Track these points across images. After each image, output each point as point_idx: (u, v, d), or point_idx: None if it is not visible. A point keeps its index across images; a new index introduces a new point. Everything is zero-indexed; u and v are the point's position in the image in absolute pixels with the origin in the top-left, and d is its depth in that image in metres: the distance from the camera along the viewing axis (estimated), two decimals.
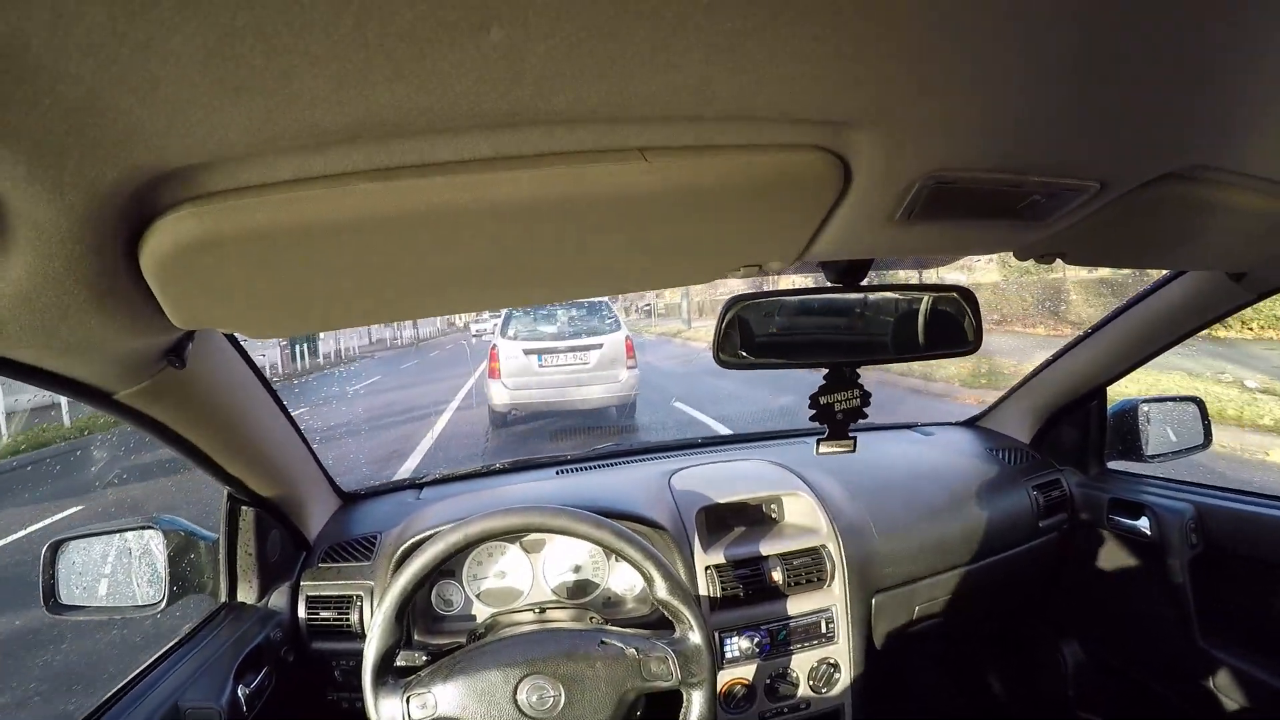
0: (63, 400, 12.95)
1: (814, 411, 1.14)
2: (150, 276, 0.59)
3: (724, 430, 8.23)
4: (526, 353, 8.68)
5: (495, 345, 8.95)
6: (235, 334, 1.20)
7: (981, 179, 0.65)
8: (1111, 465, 2.05)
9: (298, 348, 23.09)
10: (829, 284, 1.02)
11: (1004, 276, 16.81)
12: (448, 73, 0.40)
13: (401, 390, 14.95)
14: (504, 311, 9.28)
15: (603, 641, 1.20)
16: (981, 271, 17.17)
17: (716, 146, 0.54)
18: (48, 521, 7.16)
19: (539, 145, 0.51)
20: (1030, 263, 1.17)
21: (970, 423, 2.35)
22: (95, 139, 0.42)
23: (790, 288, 1.07)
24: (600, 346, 8.78)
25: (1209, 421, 2.01)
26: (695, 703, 1.20)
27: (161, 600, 1.35)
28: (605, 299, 9.44)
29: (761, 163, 0.56)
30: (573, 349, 8.74)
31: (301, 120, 0.43)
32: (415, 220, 0.57)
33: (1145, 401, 1.98)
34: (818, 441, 1.18)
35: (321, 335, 26.81)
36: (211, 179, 0.50)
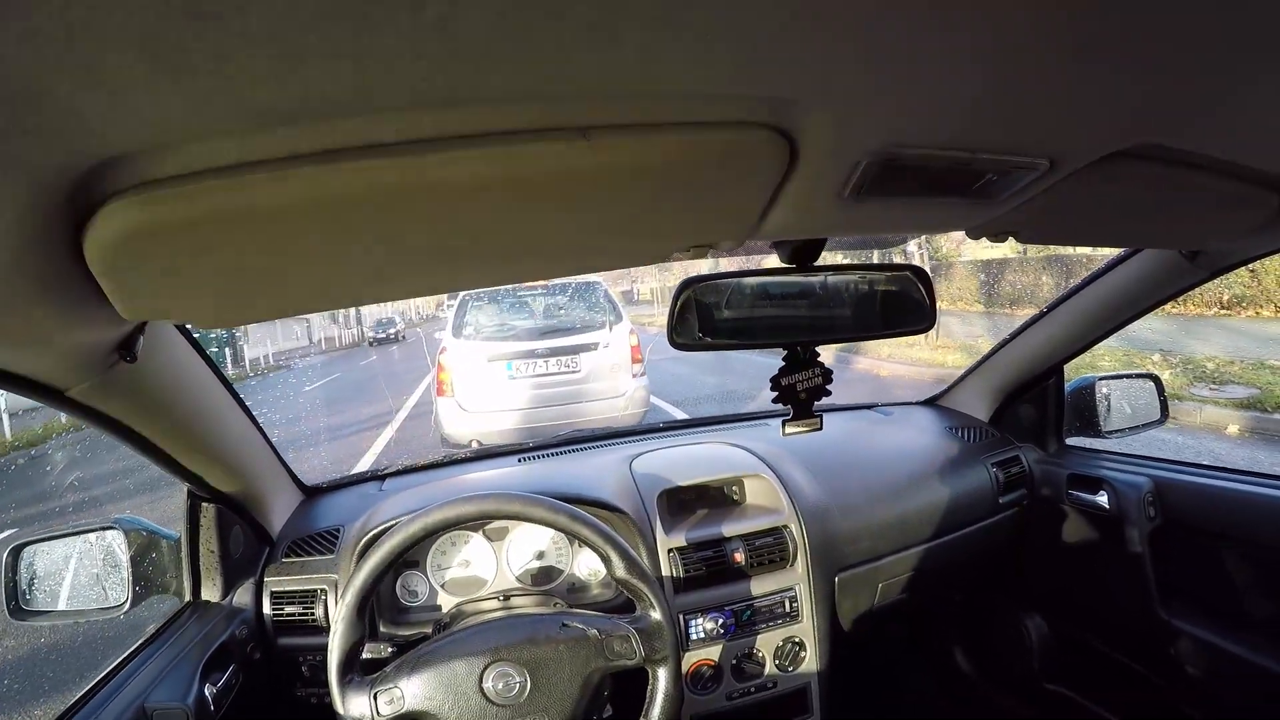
0: (4, 414, 12.64)
1: (776, 393, 1.15)
2: (95, 267, 0.58)
3: (680, 414, 7.63)
4: (490, 360, 6.02)
5: (443, 349, 6.29)
6: (187, 326, 1.18)
7: (930, 156, 0.65)
8: (1070, 441, 2.08)
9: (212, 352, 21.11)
10: (783, 264, 1.01)
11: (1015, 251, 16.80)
12: (385, 50, 0.40)
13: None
14: (457, 299, 6.88)
15: (564, 624, 1.20)
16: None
17: (659, 125, 0.54)
18: None
19: (481, 124, 0.50)
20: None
21: (930, 402, 2.37)
22: (34, 126, 0.41)
23: (744, 269, 1.06)
24: (594, 347, 6.17)
25: (1166, 397, 2.04)
26: (661, 679, 1.21)
27: (125, 601, 1.33)
28: (597, 279, 6.92)
29: (706, 141, 0.56)
30: (555, 351, 6.08)
31: (242, 102, 0.43)
32: (360, 202, 0.56)
33: (1103, 378, 2.02)
34: (783, 422, 1.18)
35: (247, 339, 25.34)
36: (154, 165, 0.49)
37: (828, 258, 1.03)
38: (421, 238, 0.67)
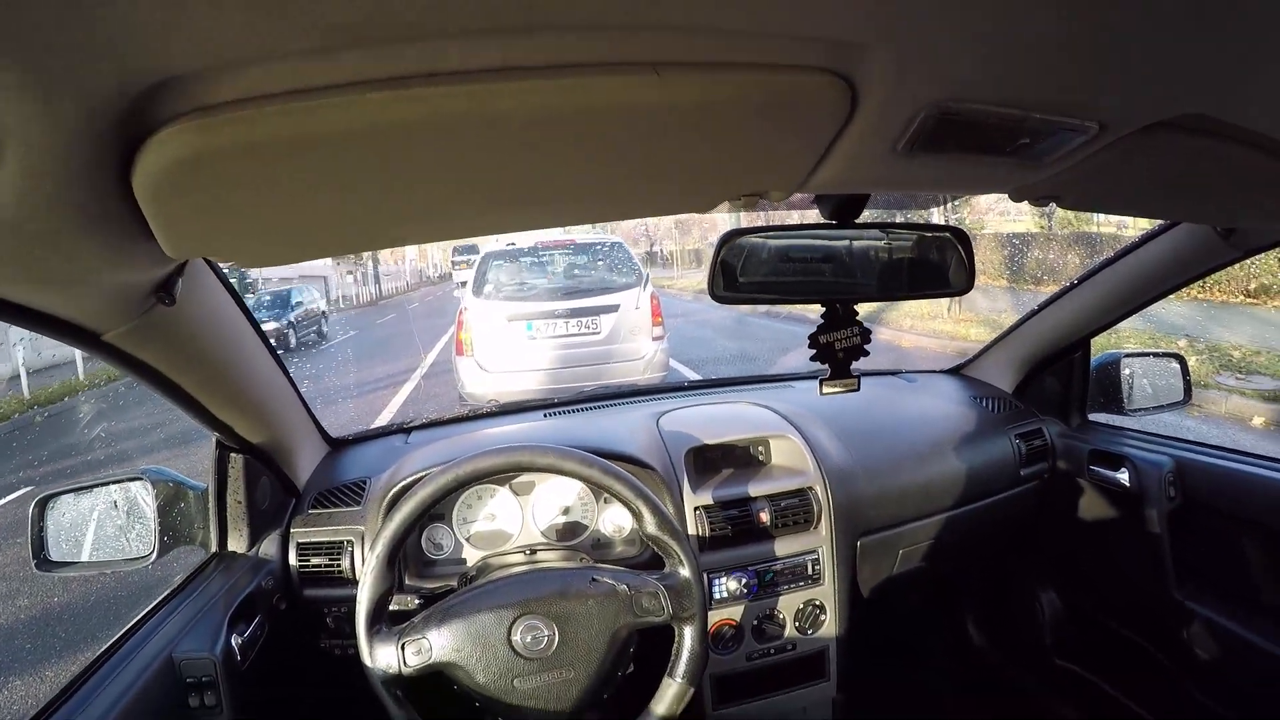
0: (22, 372, 12.77)
1: (814, 351, 1.14)
2: (144, 199, 0.57)
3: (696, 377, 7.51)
4: (510, 319, 6.07)
5: (463, 308, 6.29)
6: (224, 271, 1.18)
7: (986, 112, 0.64)
8: (1093, 417, 2.07)
9: None
10: (823, 220, 1.01)
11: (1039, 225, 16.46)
12: None
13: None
14: (476, 259, 6.89)
15: (594, 579, 1.21)
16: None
17: (728, 64, 0.53)
18: None
19: (550, 55, 0.50)
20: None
21: (954, 371, 2.36)
22: (88, 43, 0.40)
23: (785, 224, 1.06)
24: (615, 309, 6.21)
25: (1190, 378, 2.02)
26: (687, 637, 1.21)
27: (152, 552, 1.34)
28: (619, 240, 7.09)
29: (770, 83, 0.55)
30: (575, 313, 6.12)
31: (305, 19, 0.41)
32: (421, 132, 0.55)
33: (1128, 355, 2.00)
34: (820, 381, 1.18)
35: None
36: (210, 88, 0.47)
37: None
38: (482, 173, 0.67)
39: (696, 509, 1.60)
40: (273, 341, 1.44)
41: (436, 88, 0.50)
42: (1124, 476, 1.80)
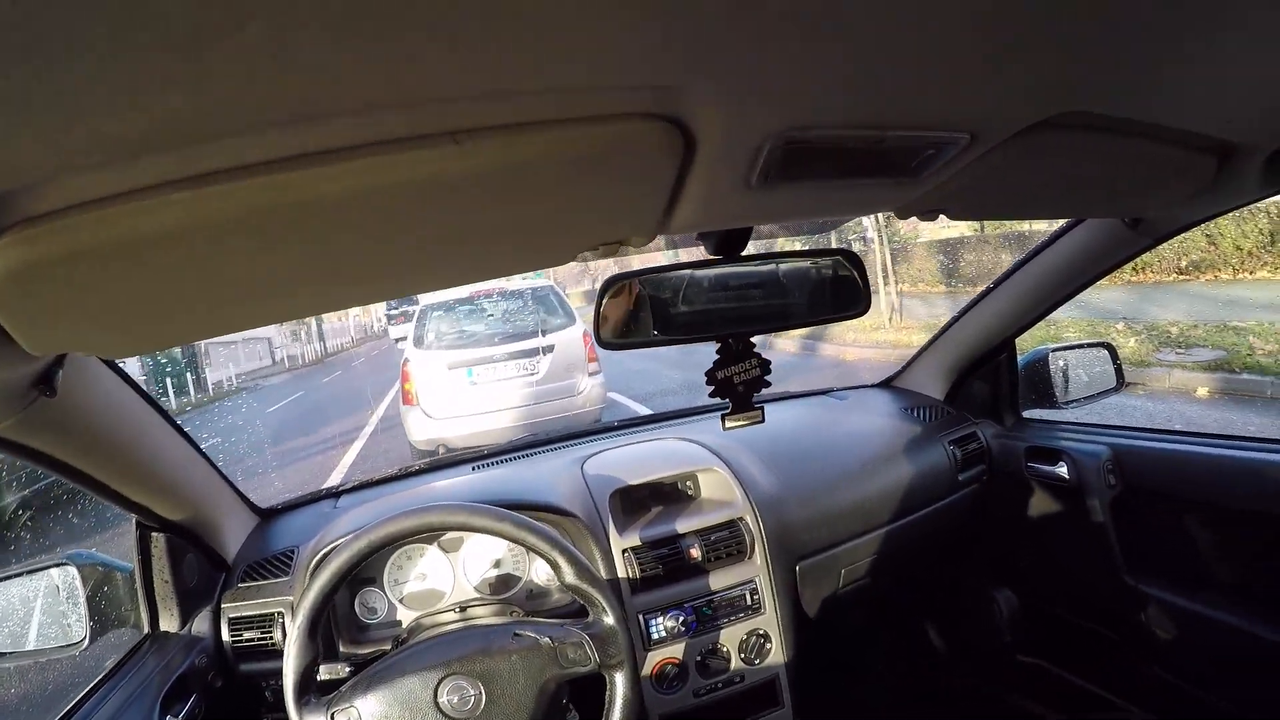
0: None
1: (712, 387, 1.13)
2: None
3: (645, 410, 7.53)
4: (451, 367, 6.34)
5: (406, 360, 6.58)
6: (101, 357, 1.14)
7: (837, 137, 0.62)
8: (1028, 414, 2.10)
9: (169, 381, 20.14)
10: (709, 257, 0.99)
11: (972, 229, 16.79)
12: (218, 74, 0.38)
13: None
14: (416, 310, 7.21)
15: (516, 634, 1.19)
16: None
17: (536, 123, 0.51)
18: None
19: (344, 138, 0.49)
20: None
21: (885, 384, 2.37)
22: None
23: (670, 263, 1.04)
24: (551, 349, 6.48)
25: (1120, 364, 2.06)
26: (618, 684, 1.19)
27: (84, 638, 1.31)
28: (550, 283, 7.36)
29: (591, 136, 0.54)
30: (514, 356, 6.39)
31: (94, 135, 0.42)
32: (237, 224, 0.54)
33: (1056, 349, 2.03)
34: (723, 416, 1.17)
35: (210, 362, 24.85)
36: (30, 202, 0.48)
37: (770, 244, 1.01)
38: (307, 255, 0.65)
39: (625, 551, 1.58)
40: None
41: (241, 182, 0.50)
42: (1063, 470, 1.82)
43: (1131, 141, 0.80)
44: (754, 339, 1.12)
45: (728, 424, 1.16)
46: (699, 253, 1.03)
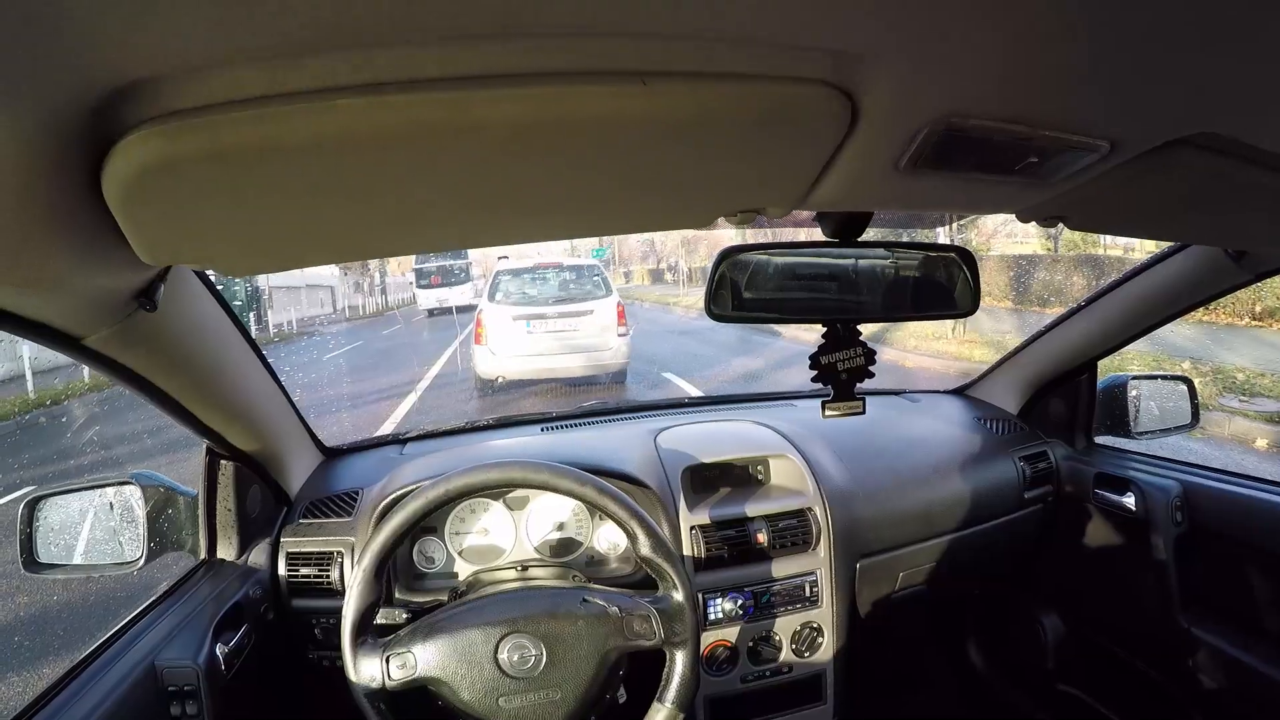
0: (28, 371, 12.77)
1: (815, 372, 1.12)
2: (114, 206, 0.56)
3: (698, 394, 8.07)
4: (514, 318, 8.55)
5: (480, 310, 8.83)
6: (210, 276, 1.17)
7: (992, 129, 0.62)
8: (1099, 440, 2.05)
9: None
10: (825, 239, 0.99)
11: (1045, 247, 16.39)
12: None
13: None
14: (491, 274, 9.32)
15: (585, 600, 1.19)
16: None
17: (719, 74, 0.51)
18: None
19: (531, 63, 0.48)
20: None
21: (958, 391, 2.34)
22: (48, 49, 0.39)
23: (785, 241, 1.04)
24: (591, 313, 8.68)
25: (1197, 401, 2.00)
26: (678, 662, 1.18)
27: (140, 557, 1.33)
28: (596, 264, 9.56)
29: (766, 94, 0.53)
30: (563, 315, 8.60)
31: (272, 26, 0.40)
32: (397, 140, 0.53)
33: (1135, 378, 1.98)
34: (823, 404, 1.16)
35: (272, 304, 24.89)
36: (177, 94, 0.46)
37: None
38: (462, 183, 0.65)
39: (693, 528, 1.58)
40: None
41: (412, 95, 0.48)
42: (1130, 501, 1.78)
43: (1255, 170, 0.78)
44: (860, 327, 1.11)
45: (827, 412, 1.15)
46: (787, 234, 1.01)
